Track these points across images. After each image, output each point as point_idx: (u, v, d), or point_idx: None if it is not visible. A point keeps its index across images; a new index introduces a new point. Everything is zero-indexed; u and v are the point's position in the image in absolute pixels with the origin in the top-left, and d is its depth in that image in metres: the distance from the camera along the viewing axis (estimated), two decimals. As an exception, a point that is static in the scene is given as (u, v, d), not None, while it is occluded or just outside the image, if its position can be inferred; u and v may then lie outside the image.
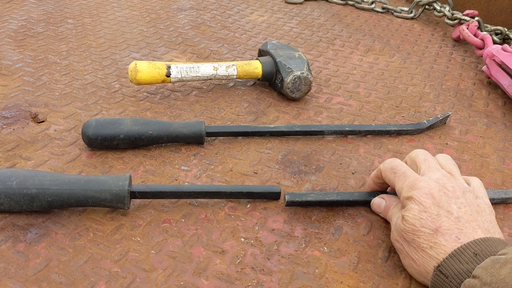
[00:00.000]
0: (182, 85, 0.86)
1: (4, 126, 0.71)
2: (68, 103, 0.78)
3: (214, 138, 0.72)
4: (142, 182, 0.62)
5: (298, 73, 0.80)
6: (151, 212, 0.57)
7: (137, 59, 0.94)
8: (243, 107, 0.81)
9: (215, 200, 0.60)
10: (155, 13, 1.17)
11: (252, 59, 0.97)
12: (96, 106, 0.78)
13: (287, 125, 0.73)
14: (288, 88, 0.81)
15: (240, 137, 0.72)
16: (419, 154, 0.56)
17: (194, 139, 0.69)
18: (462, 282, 0.44)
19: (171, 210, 0.58)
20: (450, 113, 0.79)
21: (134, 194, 0.55)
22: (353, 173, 0.66)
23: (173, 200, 0.59)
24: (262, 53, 0.89)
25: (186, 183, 0.63)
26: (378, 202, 0.58)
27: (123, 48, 0.99)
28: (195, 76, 0.81)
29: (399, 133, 0.75)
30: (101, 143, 0.66)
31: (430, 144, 0.74)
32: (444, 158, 0.56)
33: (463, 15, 1.13)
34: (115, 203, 0.54)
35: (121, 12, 1.17)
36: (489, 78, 0.93)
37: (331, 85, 0.90)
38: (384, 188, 0.60)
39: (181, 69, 0.80)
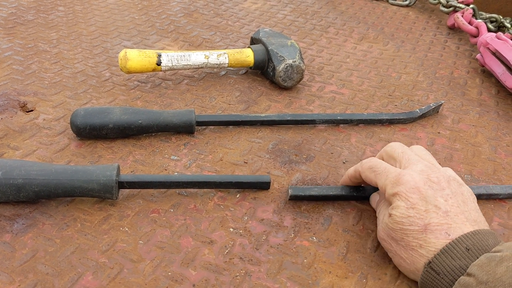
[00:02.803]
0: (173, 74, 0.85)
1: (-8, 116, 0.70)
2: (57, 92, 0.77)
3: (204, 127, 0.71)
4: (132, 171, 0.62)
5: (290, 61, 0.79)
6: (139, 202, 0.57)
7: (129, 47, 0.93)
8: (235, 96, 0.80)
9: (205, 190, 0.59)
10: (147, 0, 1.16)
11: (244, 47, 0.96)
12: (86, 95, 0.77)
13: (278, 114, 0.72)
14: (280, 77, 0.80)
15: (231, 126, 0.72)
16: (396, 148, 0.55)
17: (184, 129, 0.68)
18: (455, 279, 0.43)
19: (160, 200, 0.57)
20: (443, 101, 0.78)
21: (122, 184, 0.54)
22: (343, 163, 0.66)
23: (162, 190, 0.59)
24: (254, 41, 0.89)
25: (176, 173, 0.62)
26: (373, 197, 0.58)
27: (114, 36, 0.98)
28: (186, 65, 0.80)
29: (391, 122, 0.74)
30: (90, 132, 0.65)
31: (422, 133, 0.73)
32: (420, 149, 0.55)
33: (458, 2, 1.12)
34: (103, 193, 0.53)
35: (113, -1, 1.16)
36: (483, 66, 0.93)
37: (324, 74, 0.89)
38: (360, 184, 0.59)
39: (171, 58, 0.79)
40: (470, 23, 1.04)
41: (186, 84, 0.83)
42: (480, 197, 0.59)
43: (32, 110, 0.72)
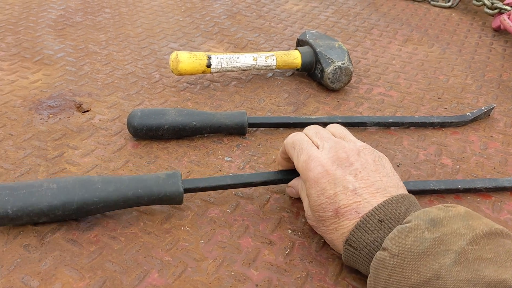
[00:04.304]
0: (221, 76, 0.86)
1: (51, 116, 0.72)
2: (110, 93, 0.79)
3: (255, 129, 0.72)
4: (188, 172, 0.63)
5: (339, 63, 0.79)
6: (198, 203, 0.58)
7: (175, 49, 0.95)
8: (283, 97, 0.80)
9: (260, 191, 0.60)
10: (190, 2, 1.18)
11: (289, 49, 0.97)
12: (138, 96, 0.79)
13: (329, 116, 0.72)
14: (329, 79, 0.80)
15: (281, 128, 0.72)
16: (310, 130, 0.55)
17: (236, 130, 0.69)
18: (371, 252, 0.44)
19: (218, 201, 0.58)
20: (495, 105, 0.77)
21: (186, 190, 0.55)
22: (398, 166, 0.66)
23: (219, 191, 0.59)
24: (300, 43, 0.89)
25: (230, 174, 0.63)
26: (290, 190, 0.58)
27: (160, 38, 0.99)
28: (234, 67, 0.81)
29: (442, 125, 0.74)
30: (146, 133, 0.67)
31: (475, 137, 0.72)
32: (335, 127, 0.56)
33: (504, 4, 1.10)
34: (170, 202, 0.54)
35: (157, 1, 1.18)
36: (533, 69, 0.91)
37: (371, 76, 0.89)
38: (292, 162, 0.56)
39: (221, 60, 0.80)
40: (517, 25, 1.02)
41: (234, 86, 0.83)
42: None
43: (87, 111, 0.74)
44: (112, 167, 0.63)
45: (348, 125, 0.72)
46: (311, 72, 0.85)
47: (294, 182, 0.57)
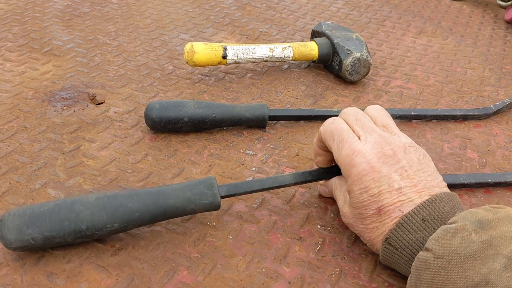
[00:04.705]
0: (236, 67, 0.84)
1: (65, 108, 0.70)
2: (124, 85, 0.77)
3: (275, 122, 0.70)
4: (209, 166, 0.61)
5: (358, 55, 0.77)
6: (222, 197, 0.56)
7: (187, 40, 0.93)
8: (301, 90, 0.79)
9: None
10: (198, -7, 1.15)
11: (303, 41, 0.95)
12: (153, 88, 0.77)
13: (351, 109, 0.71)
14: (347, 71, 0.78)
15: (302, 121, 0.71)
16: (349, 114, 0.51)
17: (257, 123, 0.67)
18: (413, 252, 0.42)
19: (243, 196, 0.57)
20: (517, 98, 0.76)
21: (222, 197, 0.53)
22: (423, 159, 0.64)
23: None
24: (316, 34, 0.87)
25: (253, 168, 0.61)
26: (322, 189, 0.56)
27: (170, 29, 0.97)
28: (251, 58, 0.79)
29: (465, 118, 0.73)
30: (165, 126, 0.65)
31: (498, 130, 0.71)
32: (376, 110, 0.52)
33: (518, -5, 1.09)
34: (207, 210, 0.51)
35: (164, -8, 1.15)
36: (550, 61, 0.90)
37: (387, 68, 0.87)
38: (330, 151, 0.52)
39: (237, 51, 0.78)
40: (532, 17, 1.01)
41: (250, 78, 0.82)
42: None
43: (101, 103, 0.72)
44: (131, 161, 0.61)
45: (370, 118, 0.70)
46: (327, 64, 0.83)
47: (327, 182, 0.55)
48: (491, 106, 0.74)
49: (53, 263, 0.47)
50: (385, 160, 0.46)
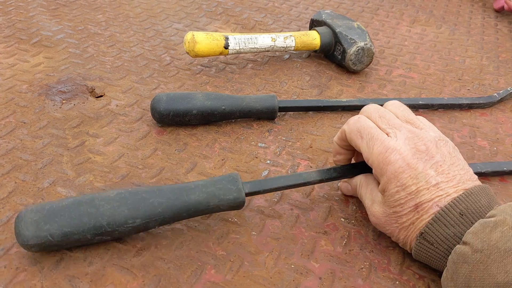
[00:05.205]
0: (235, 58, 0.82)
1: (64, 101, 0.67)
2: (122, 77, 0.74)
3: (284, 113, 0.69)
4: (222, 160, 0.59)
5: (362, 44, 0.76)
6: (240, 192, 0.54)
7: (181, 30, 0.90)
8: (305, 80, 0.77)
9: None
10: (187, -18, 1.12)
11: (300, 30, 0.94)
12: (153, 80, 0.74)
13: (360, 99, 0.70)
14: (351, 60, 0.77)
15: (310, 112, 0.69)
16: (372, 112, 0.50)
17: (266, 115, 0.66)
18: (450, 247, 0.41)
19: (261, 189, 0.55)
20: (519, 85, 0.77)
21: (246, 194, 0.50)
22: (437, 149, 0.64)
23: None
24: (316, 23, 0.86)
25: (268, 161, 0.60)
26: (345, 186, 0.54)
27: (162, 18, 0.94)
28: (253, 48, 0.77)
29: (470, 106, 0.73)
30: (173, 119, 0.62)
31: (504, 118, 0.71)
32: (395, 106, 0.51)
33: (506, -16, 1.10)
34: (231, 209, 0.49)
35: (151, -20, 1.11)
36: (543, 49, 0.91)
37: (387, 57, 0.86)
38: (351, 150, 0.53)
39: (239, 40, 0.76)
40: (522, 5, 1.02)
41: (251, 68, 0.80)
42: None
43: (101, 96, 0.69)
44: (141, 156, 0.58)
45: (379, 107, 0.70)
46: (329, 54, 0.82)
47: (350, 180, 0.53)
48: (495, 94, 0.74)
49: (74, 266, 0.44)
50: (419, 156, 0.45)
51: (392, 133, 0.47)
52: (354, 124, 0.49)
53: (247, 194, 0.49)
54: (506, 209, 0.40)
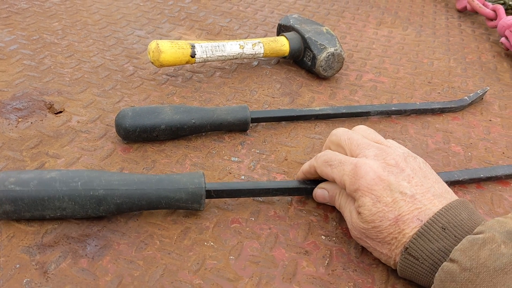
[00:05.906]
0: (202, 66, 0.79)
1: (20, 120, 0.62)
2: (83, 90, 0.69)
3: (255, 124, 0.66)
4: (194, 177, 0.56)
5: (332, 49, 0.75)
6: (215, 212, 0.52)
7: (143, 37, 0.86)
8: (276, 88, 0.75)
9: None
10: (147, -15, 1.08)
11: (266, 35, 0.91)
12: (116, 92, 0.70)
13: (333, 107, 0.68)
14: (321, 66, 0.75)
15: (283, 122, 0.67)
16: (341, 135, 0.51)
17: (238, 127, 0.63)
18: (435, 262, 0.41)
19: (237, 208, 0.52)
20: (488, 88, 0.77)
21: (209, 193, 0.49)
22: (413, 157, 0.63)
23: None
24: (283, 28, 0.83)
25: (242, 176, 0.57)
26: (321, 193, 0.52)
27: (123, 25, 0.90)
28: (220, 56, 0.74)
29: (442, 110, 0.72)
30: (140, 135, 0.59)
31: (475, 121, 0.71)
32: (363, 129, 0.53)
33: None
34: (190, 204, 0.48)
35: (110, -16, 1.07)
36: (507, 50, 0.92)
37: (356, 61, 0.85)
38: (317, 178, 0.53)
39: (206, 49, 0.73)
40: (484, 6, 1.03)
41: (220, 76, 0.77)
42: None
43: (61, 112, 0.65)
44: (106, 177, 0.55)
45: (352, 115, 0.68)
46: (298, 60, 0.80)
47: (329, 185, 0.52)
48: (466, 97, 0.74)
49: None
50: (389, 169, 0.45)
51: (361, 153, 0.47)
52: (320, 157, 0.50)
53: (209, 194, 0.49)
54: (495, 226, 0.39)
